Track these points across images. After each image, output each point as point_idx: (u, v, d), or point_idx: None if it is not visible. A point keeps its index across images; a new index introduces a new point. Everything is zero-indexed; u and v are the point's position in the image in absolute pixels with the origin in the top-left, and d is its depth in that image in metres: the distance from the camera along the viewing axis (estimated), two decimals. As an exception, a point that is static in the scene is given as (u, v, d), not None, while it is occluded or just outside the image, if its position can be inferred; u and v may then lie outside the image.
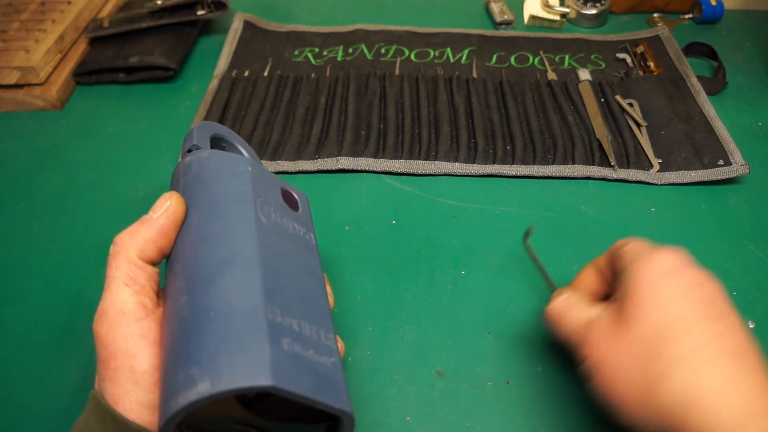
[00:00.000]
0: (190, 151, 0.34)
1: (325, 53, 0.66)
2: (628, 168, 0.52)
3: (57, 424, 0.36)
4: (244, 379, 0.23)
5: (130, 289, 0.28)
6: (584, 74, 0.62)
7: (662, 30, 0.68)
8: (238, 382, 0.23)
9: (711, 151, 0.53)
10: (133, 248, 0.29)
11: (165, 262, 0.31)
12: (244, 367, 0.23)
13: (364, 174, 0.53)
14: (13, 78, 0.58)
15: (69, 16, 0.64)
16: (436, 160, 0.53)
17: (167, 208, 0.30)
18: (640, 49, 0.65)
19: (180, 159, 0.34)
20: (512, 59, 0.65)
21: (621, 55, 0.65)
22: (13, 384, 0.38)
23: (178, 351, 0.25)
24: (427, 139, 0.54)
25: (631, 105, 0.58)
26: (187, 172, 0.32)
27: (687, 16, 0.72)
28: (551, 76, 0.62)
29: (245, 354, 0.24)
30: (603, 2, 0.71)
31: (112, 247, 0.29)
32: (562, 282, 0.44)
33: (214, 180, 0.31)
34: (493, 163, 0.52)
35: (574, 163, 0.52)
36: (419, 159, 0.53)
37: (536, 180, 0.52)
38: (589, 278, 0.36)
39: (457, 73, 0.62)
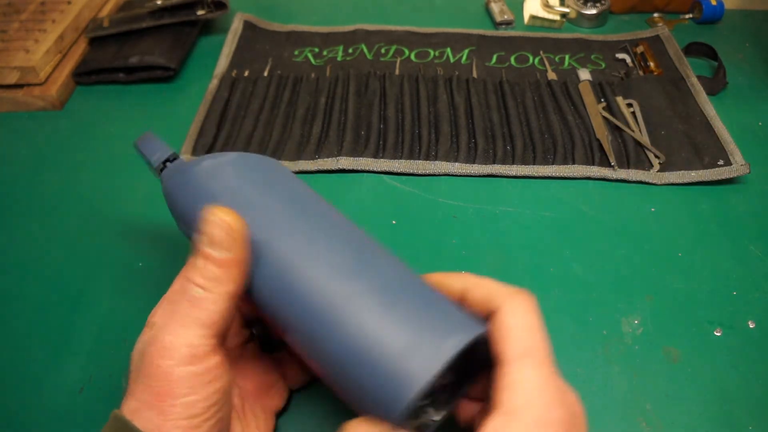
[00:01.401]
0: (169, 161, 0.32)
1: (325, 53, 0.66)
2: (628, 168, 0.52)
3: (57, 424, 0.36)
4: (472, 330, 0.26)
5: (206, 332, 0.27)
6: (584, 74, 0.62)
7: (662, 30, 0.68)
8: (474, 332, 0.26)
9: (711, 151, 0.53)
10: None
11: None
12: (462, 324, 0.26)
13: (364, 174, 0.53)
14: (12, 78, 0.58)
15: (69, 16, 0.64)
16: (436, 160, 0.53)
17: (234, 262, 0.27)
18: (640, 49, 0.65)
19: (158, 173, 0.32)
20: (512, 59, 0.65)
21: (621, 55, 0.65)
22: (13, 384, 0.38)
23: (391, 328, 0.25)
24: (427, 139, 0.54)
25: (630, 105, 0.58)
26: (216, 179, 0.30)
27: (687, 16, 0.72)
28: (551, 76, 0.62)
29: (453, 316, 0.26)
30: (603, 2, 0.71)
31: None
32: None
33: (276, 181, 0.30)
34: (493, 163, 0.52)
35: (574, 163, 0.52)
36: (419, 159, 0.53)
37: (536, 180, 0.52)
38: None
39: (457, 73, 0.62)
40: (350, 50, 0.66)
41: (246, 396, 0.33)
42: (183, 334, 0.26)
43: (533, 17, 0.71)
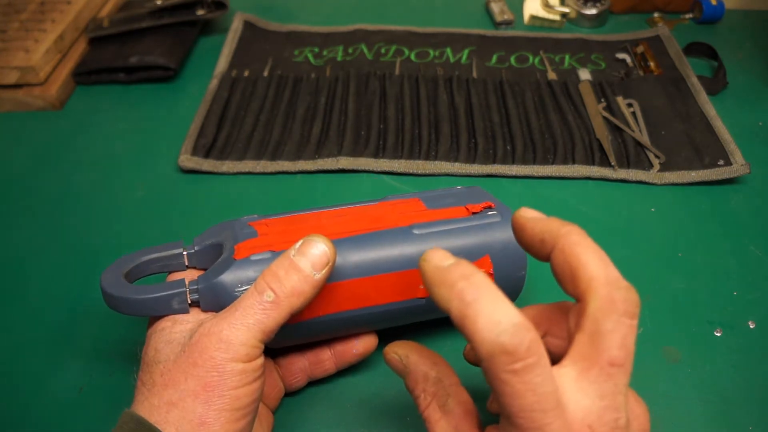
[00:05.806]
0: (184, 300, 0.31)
1: (325, 53, 0.66)
2: (628, 168, 0.52)
3: (57, 424, 0.36)
4: None
5: (263, 337, 0.29)
6: (584, 74, 0.62)
7: (662, 30, 0.68)
8: None
9: (711, 151, 0.53)
10: None
11: None
12: None
13: (365, 174, 0.53)
14: (12, 78, 0.58)
15: (69, 16, 0.64)
16: (436, 160, 0.53)
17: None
18: (640, 49, 0.65)
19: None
20: (512, 59, 0.65)
21: (621, 55, 0.65)
22: (13, 384, 0.38)
23: None
24: (428, 139, 0.54)
25: (630, 105, 0.58)
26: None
27: (687, 16, 0.72)
28: (551, 76, 0.62)
29: None
30: (603, 2, 0.71)
31: None
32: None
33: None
34: (494, 163, 0.52)
35: (574, 163, 0.52)
36: (419, 159, 0.53)
37: (536, 180, 0.52)
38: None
39: (457, 73, 0.62)
40: (350, 50, 0.66)
41: None
42: (244, 334, 0.28)
43: (533, 17, 0.71)
